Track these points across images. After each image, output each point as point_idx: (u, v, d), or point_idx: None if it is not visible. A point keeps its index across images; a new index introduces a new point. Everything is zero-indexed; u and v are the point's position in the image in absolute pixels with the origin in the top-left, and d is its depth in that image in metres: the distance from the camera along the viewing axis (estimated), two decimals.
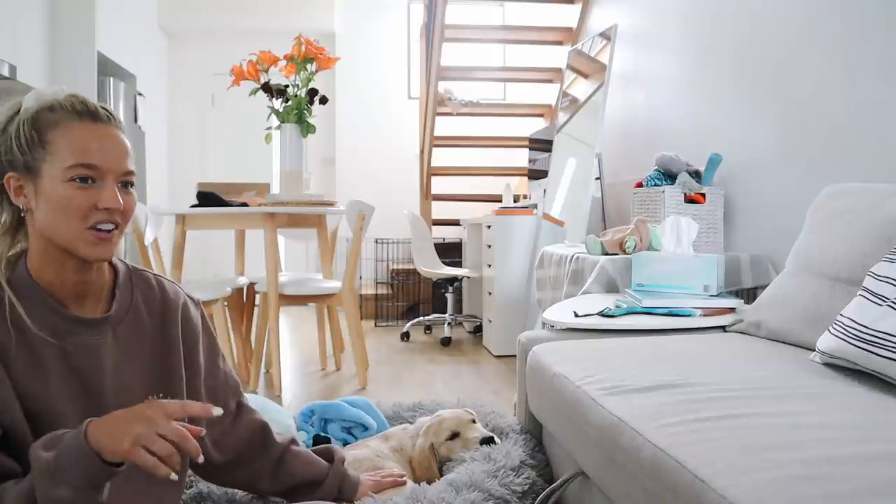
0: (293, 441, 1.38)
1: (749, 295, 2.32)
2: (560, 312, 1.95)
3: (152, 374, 1.14)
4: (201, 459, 0.92)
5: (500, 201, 4.50)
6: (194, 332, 1.22)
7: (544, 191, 3.74)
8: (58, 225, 1.00)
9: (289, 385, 3.06)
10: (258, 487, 1.34)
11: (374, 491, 1.42)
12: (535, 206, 3.87)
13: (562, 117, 3.70)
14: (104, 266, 1.11)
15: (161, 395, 1.14)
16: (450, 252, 5.19)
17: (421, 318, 4.56)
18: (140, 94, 5.03)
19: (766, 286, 1.89)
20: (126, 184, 1.05)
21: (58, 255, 1.03)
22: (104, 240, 1.02)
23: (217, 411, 0.95)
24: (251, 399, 1.76)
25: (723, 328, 1.83)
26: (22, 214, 1.05)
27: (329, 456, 1.42)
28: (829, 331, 1.31)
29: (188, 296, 1.25)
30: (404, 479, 1.50)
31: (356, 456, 1.58)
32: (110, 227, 1.02)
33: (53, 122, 1.01)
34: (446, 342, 4.11)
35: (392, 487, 1.45)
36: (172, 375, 1.16)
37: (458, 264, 5.08)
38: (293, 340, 4.23)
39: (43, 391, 1.00)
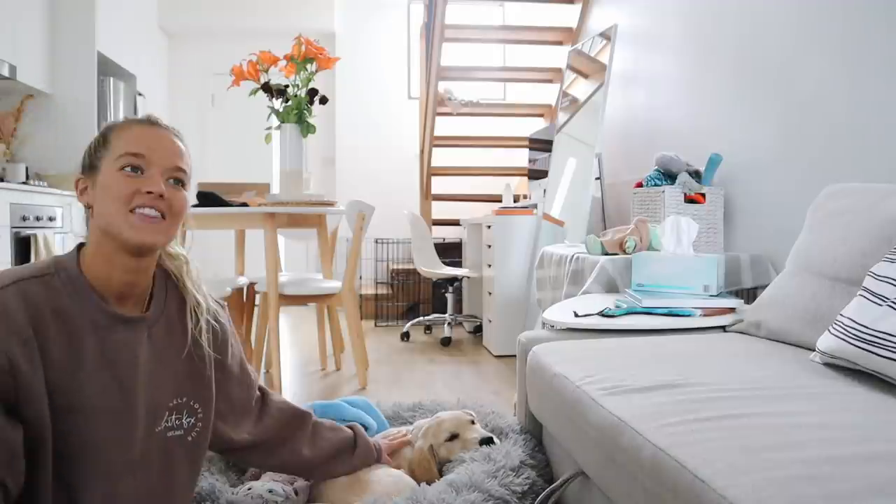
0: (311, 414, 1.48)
1: (749, 295, 2.32)
2: (560, 312, 1.95)
3: (182, 377, 1.16)
4: None
5: (500, 201, 4.50)
6: (225, 335, 1.26)
7: (544, 191, 3.74)
8: (105, 208, 1.06)
9: (289, 385, 3.06)
10: (302, 457, 1.40)
11: (388, 452, 1.59)
12: (535, 206, 3.87)
13: (562, 117, 3.70)
14: (150, 270, 1.13)
15: (185, 398, 1.17)
16: (450, 252, 5.19)
17: (421, 318, 4.55)
18: (140, 94, 5.03)
19: (766, 286, 1.89)
20: (177, 181, 1.12)
21: (110, 251, 1.07)
22: (147, 223, 1.05)
23: None
24: None
25: (723, 328, 1.83)
26: (86, 213, 1.11)
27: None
28: (829, 331, 1.31)
29: (216, 300, 1.28)
30: (408, 437, 1.66)
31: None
32: (154, 213, 1.06)
33: (115, 127, 1.12)
34: (446, 342, 4.11)
35: (400, 447, 1.64)
36: (200, 379, 1.19)
37: (458, 264, 5.08)
38: (293, 340, 4.23)
39: (74, 384, 1.02)
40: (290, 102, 3.08)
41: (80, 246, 1.11)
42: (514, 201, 4.37)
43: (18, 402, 0.95)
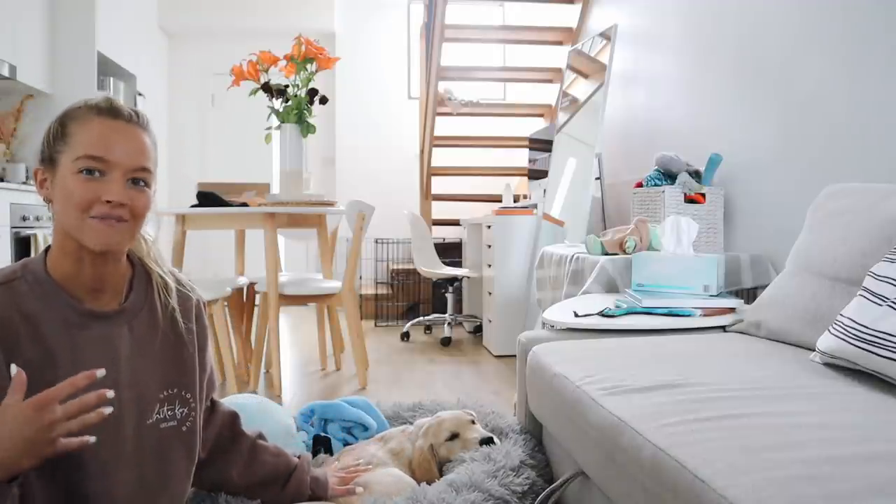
0: (260, 436, 1.41)
1: (749, 295, 2.32)
2: (560, 312, 1.95)
3: (166, 368, 1.15)
4: (108, 410, 0.89)
5: (500, 201, 4.50)
6: (205, 330, 1.25)
7: (544, 191, 3.74)
8: (64, 214, 1.02)
9: (289, 385, 3.06)
10: (230, 478, 1.33)
11: (340, 486, 1.45)
12: (535, 206, 3.87)
13: (562, 117, 3.70)
14: (122, 260, 1.11)
15: (175, 389, 1.16)
16: (450, 252, 5.19)
17: (421, 318, 4.55)
18: (140, 94, 5.03)
19: (766, 286, 1.89)
20: (138, 181, 1.05)
21: (75, 247, 1.04)
22: (107, 227, 1.02)
23: (100, 373, 0.92)
24: (251, 399, 1.76)
25: (723, 328, 1.83)
26: (48, 207, 1.07)
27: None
28: (829, 331, 1.31)
29: (189, 284, 1.27)
30: (368, 467, 1.53)
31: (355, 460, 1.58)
32: (113, 219, 1.02)
33: (75, 116, 1.05)
34: (446, 342, 4.11)
35: (356, 476, 1.48)
36: (187, 370, 1.18)
37: (458, 264, 5.08)
38: (293, 340, 4.23)
39: (49, 386, 1.00)
40: (290, 102, 3.08)
41: (49, 248, 1.09)
42: (514, 201, 4.37)
43: None
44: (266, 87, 3.06)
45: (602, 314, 1.86)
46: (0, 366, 0.97)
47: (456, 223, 5.05)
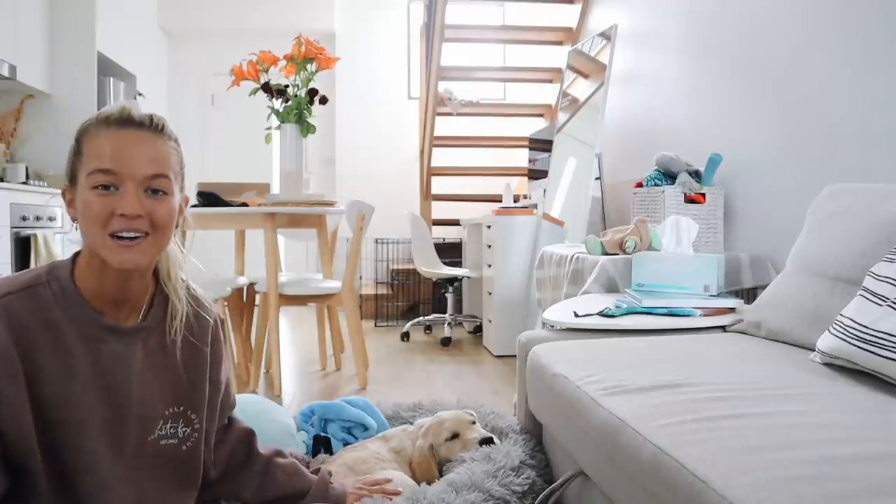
0: (278, 453, 1.36)
1: (749, 295, 2.32)
2: (560, 312, 1.95)
3: (176, 386, 1.13)
4: None
5: (500, 201, 4.50)
6: (221, 349, 1.23)
7: (544, 191, 3.74)
8: (87, 232, 1.01)
9: (289, 385, 3.06)
10: (242, 497, 1.30)
11: (357, 498, 1.38)
12: (535, 206, 3.87)
13: (562, 117, 3.70)
14: (147, 275, 1.09)
15: (181, 407, 1.14)
16: (450, 252, 5.19)
17: (421, 318, 4.55)
18: (140, 94, 5.03)
19: (766, 286, 1.89)
20: (157, 190, 1.02)
21: (100, 264, 1.02)
22: (127, 247, 1.00)
23: None
24: (251, 399, 1.76)
25: (723, 328, 1.83)
26: (75, 227, 1.05)
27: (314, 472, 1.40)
28: (829, 331, 1.31)
29: (209, 304, 1.24)
30: (397, 489, 1.43)
31: (356, 458, 1.58)
32: (132, 234, 1.00)
33: (86, 131, 1.03)
34: (446, 342, 4.11)
35: (380, 493, 1.40)
36: (196, 391, 1.16)
37: (458, 264, 5.08)
38: (293, 340, 4.23)
39: (66, 397, 1.00)
40: (290, 102, 3.08)
41: (78, 253, 1.07)
42: (514, 201, 4.37)
43: (0, 419, 0.95)
44: (266, 87, 3.06)
45: (602, 314, 1.86)
46: (20, 390, 0.96)
47: (456, 223, 5.05)
